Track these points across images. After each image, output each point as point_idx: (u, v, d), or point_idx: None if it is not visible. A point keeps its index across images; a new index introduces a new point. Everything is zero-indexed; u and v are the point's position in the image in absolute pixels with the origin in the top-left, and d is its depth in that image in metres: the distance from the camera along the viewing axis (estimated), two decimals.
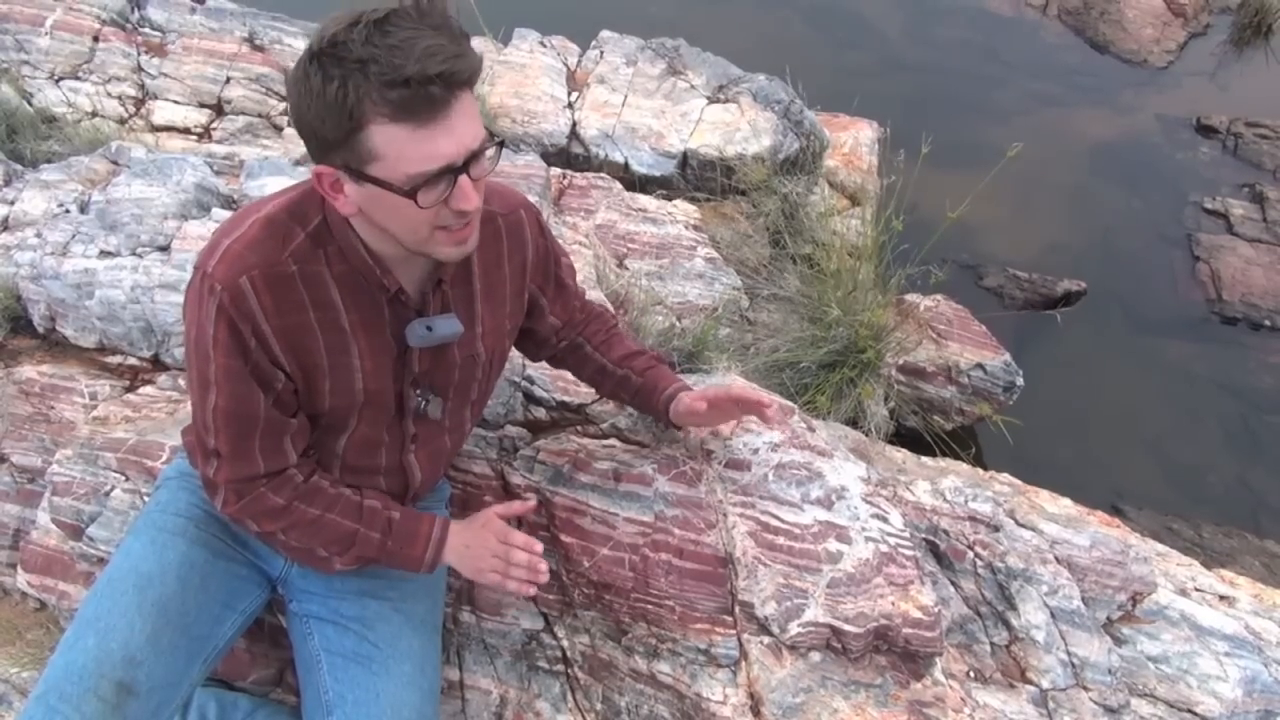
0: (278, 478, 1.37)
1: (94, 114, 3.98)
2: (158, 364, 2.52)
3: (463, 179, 1.14)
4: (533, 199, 3.14)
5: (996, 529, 1.94)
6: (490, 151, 1.17)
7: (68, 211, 2.74)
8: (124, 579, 1.42)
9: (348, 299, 1.30)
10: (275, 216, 1.25)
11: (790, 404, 1.93)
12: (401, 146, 1.08)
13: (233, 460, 1.33)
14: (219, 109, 4.16)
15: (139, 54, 4.25)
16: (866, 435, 2.58)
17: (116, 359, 2.54)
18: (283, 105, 4.14)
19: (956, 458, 2.70)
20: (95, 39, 4.22)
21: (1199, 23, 6.33)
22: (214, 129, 4.08)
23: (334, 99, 1.05)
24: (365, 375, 1.35)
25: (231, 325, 1.22)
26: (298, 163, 3.00)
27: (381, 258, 1.28)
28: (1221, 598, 2.19)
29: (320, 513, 1.41)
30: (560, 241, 1.70)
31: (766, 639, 1.58)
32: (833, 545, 1.64)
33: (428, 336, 1.36)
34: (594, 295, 2.32)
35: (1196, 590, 2.19)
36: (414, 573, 1.50)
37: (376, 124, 1.07)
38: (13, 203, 2.93)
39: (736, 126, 3.90)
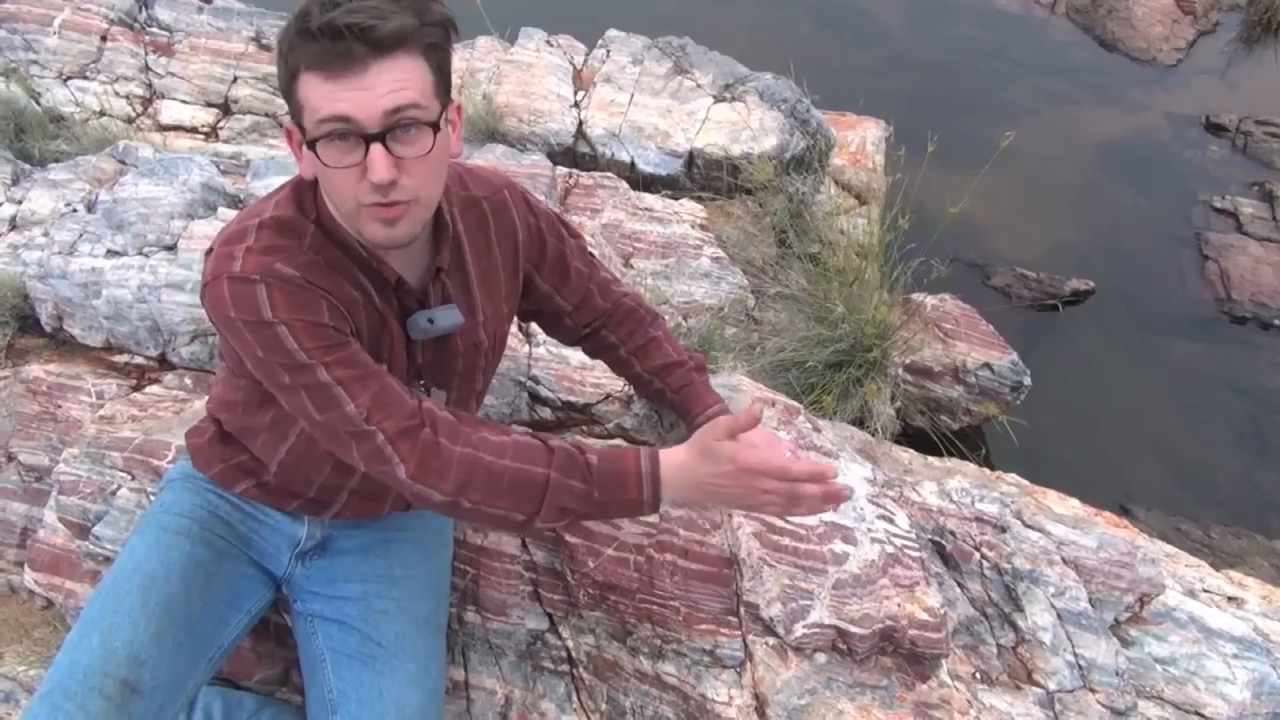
0: (432, 415, 1.25)
1: (101, 113, 4.00)
2: (164, 363, 2.52)
3: (375, 148, 1.11)
4: (539, 198, 3.14)
5: (1003, 530, 1.93)
6: (430, 136, 1.15)
7: (75, 211, 2.75)
8: (128, 579, 1.42)
9: (368, 281, 1.30)
10: (280, 216, 1.25)
11: (796, 404, 1.92)
12: (314, 95, 1.10)
13: (382, 401, 1.22)
14: (226, 108, 4.17)
15: (146, 53, 4.26)
16: (873, 435, 2.57)
17: (123, 358, 2.54)
18: None
19: (963, 458, 2.70)
20: (103, 38, 4.23)
21: (1208, 20, 6.31)
22: (221, 128, 4.09)
23: (278, 48, 1.12)
24: (396, 355, 1.36)
25: (286, 291, 1.20)
26: None
27: (371, 248, 1.27)
28: (1230, 599, 2.18)
29: (492, 458, 1.24)
30: (573, 224, 1.68)
31: (772, 640, 1.57)
32: (838, 546, 1.64)
33: (429, 329, 1.36)
34: None
35: (1205, 591, 2.18)
36: (637, 516, 1.42)
37: (303, 74, 1.10)
38: (20, 202, 2.94)
39: (743, 125, 3.89)
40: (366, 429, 1.22)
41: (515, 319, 1.67)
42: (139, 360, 2.54)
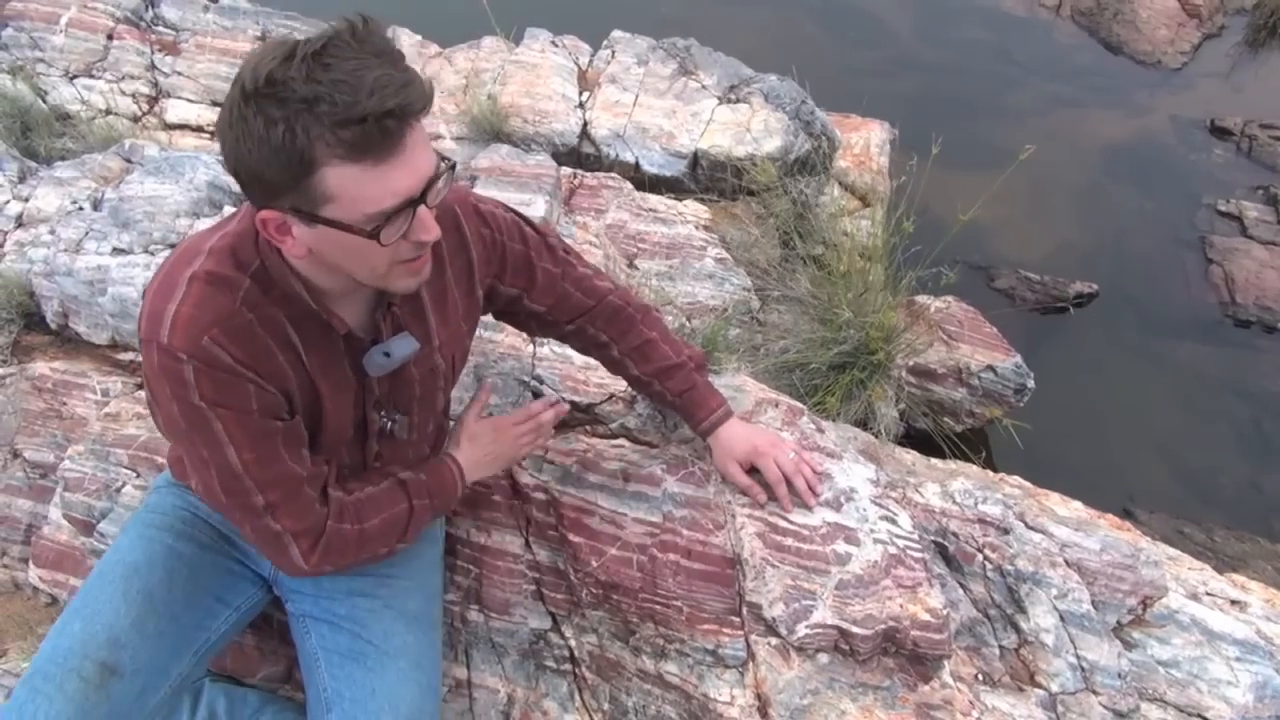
0: (329, 505, 1.34)
1: (108, 112, 4.01)
2: None
3: (422, 210, 1.10)
4: (543, 198, 3.15)
5: (1006, 532, 1.93)
6: (444, 176, 1.12)
7: (81, 209, 2.76)
8: (111, 570, 1.44)
9: (305, 338, 1.26)
10: (214, 270, 1.18)
11: (800, 405, 1.92)
12: (358, 186, 1.03)
13: (288, 502, 1.28)
14: None
15: (153, 52, 4.27)
16: (876, 437, 2.57)
17: (128, 356, 2.55)
18: None
19: (966, 460, 2.70)
20: (110, 37, 4.24)
21: (1214, 24, 6.30)
22: None
23: (281, 142, 0.99)
24: (327, 414, 1.33)
25: (214, 379, 1.16)
26: None
27: (324, 296, 1.23)
28: (1233, 602, 2.18)
29: (378, 518, 1.41)
30: (547, 224, 1.66)
31: (774, 640, 1.57)
32: (841, 547, 1.64)
33: (387, 363, 1.34)
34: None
35: (1208, 594, 2.18)
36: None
37: (330, 165, 1.01)
38: (27, 200, 2.95)
39: (747, 127, 3.89)
40: (270, 525, 1.29)
41: (492, 316, 1.66)
42: None
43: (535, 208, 3.02)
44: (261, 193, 1.07)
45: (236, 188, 2.86)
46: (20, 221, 2.90)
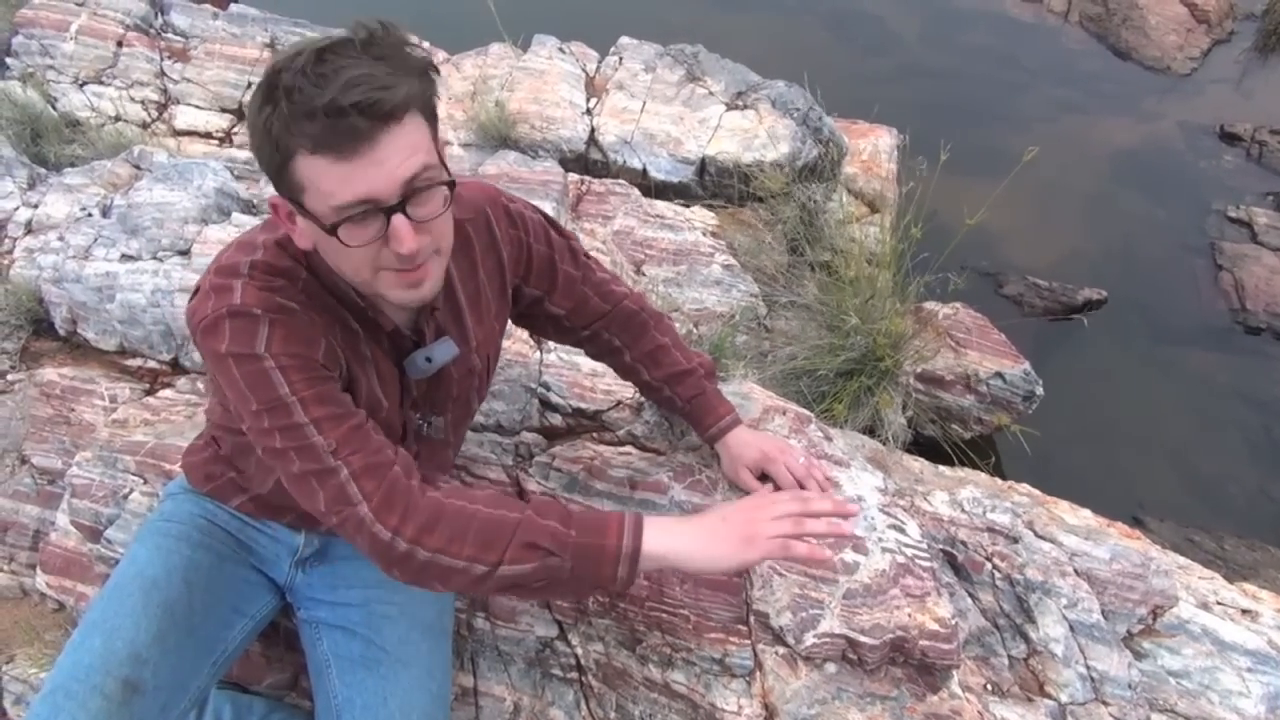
0: (407, 461, 1.24)
1: (117, 118, 4.03)
2: (177, 367, 2.54)
3: (396, 219, 1.07)
4: (551, 205, 3.16)
5: (1015, 540, 1.92)
6: (434, 189, 1.11)
7: (90, 215, 2.77)
8: (130, 583, 1.42)
9: (361, 326, 1.28)
10: (270, 261, 1.20)
11: (807, 412, 1.92)
12: (323, 179, 1.05)
13: (352, 439, 1.18)
14: (240, 114, 4.20)
15: (162, 59, 4.29)
16: (884, 444, 2.56)
17: (136, 362, 2.56)
18: None
19: (975, 467, 2.68)
20: (119, 44, 4.26)
21: (1223, 29, 6.27)
22: (235, 133, 4.11)
23: (263, 128, 1.04)
24: (387, 397, 1.34)
25: (284, 325, 1.17)
26: None
27: (367, 295, 1.24)
28: (1244, 612, 2.16)
29: (463, 503, 1.21)
30: (566, 227, 1.64)
31: (781, 649, 1.57)
32: (849, 556, 1.63)
33: (428, 368, 1.35)
34: None
35: (1218, 604, 2.16)
36: (610, 585, 1.21)
37: (300, 155, 1.03)
38: (36, 206, 2.96)
39: (755, 133, 3.89)
40: (331, 464, 1.17)
41: (510, 322, 1.66)
42: (152, 364, 2.55)
43: None
44: (267, 177, 1.11)
45: (245, 194, 2.87)
46: (29, 228, 2.91)
